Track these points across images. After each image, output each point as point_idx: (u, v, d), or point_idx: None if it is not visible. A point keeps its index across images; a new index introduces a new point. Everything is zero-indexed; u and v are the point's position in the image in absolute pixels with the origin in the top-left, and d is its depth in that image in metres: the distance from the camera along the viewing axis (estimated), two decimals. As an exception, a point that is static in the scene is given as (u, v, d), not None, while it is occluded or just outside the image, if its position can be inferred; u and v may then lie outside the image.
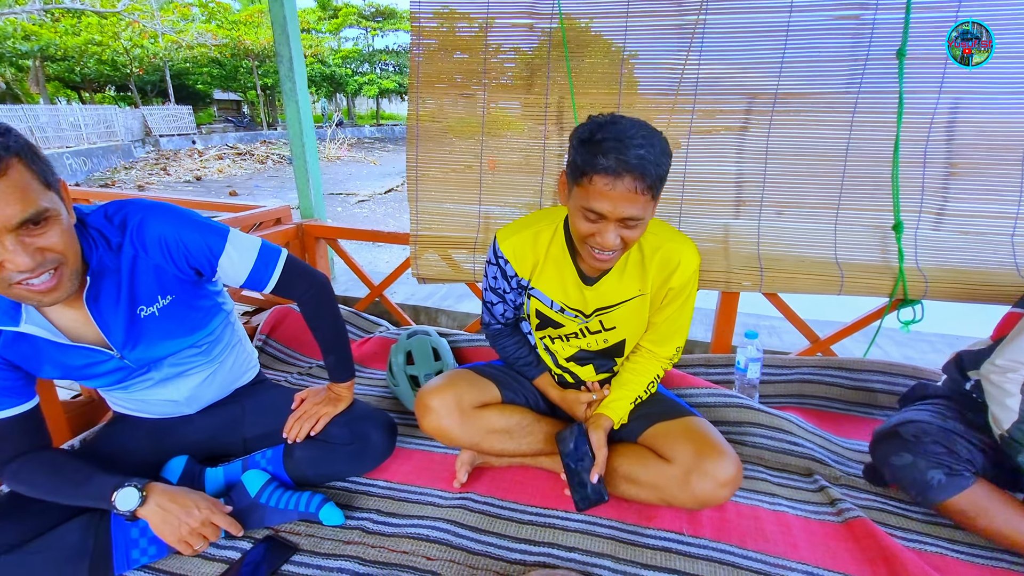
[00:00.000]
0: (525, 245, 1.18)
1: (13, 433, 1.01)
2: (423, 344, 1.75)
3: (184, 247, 1.05)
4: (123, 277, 1.02)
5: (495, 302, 1.28)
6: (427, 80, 1.77)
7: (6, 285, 0.83)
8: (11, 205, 0.77)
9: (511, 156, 1.79)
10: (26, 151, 0.81)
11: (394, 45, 28.69)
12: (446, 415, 1.22)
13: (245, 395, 1.37)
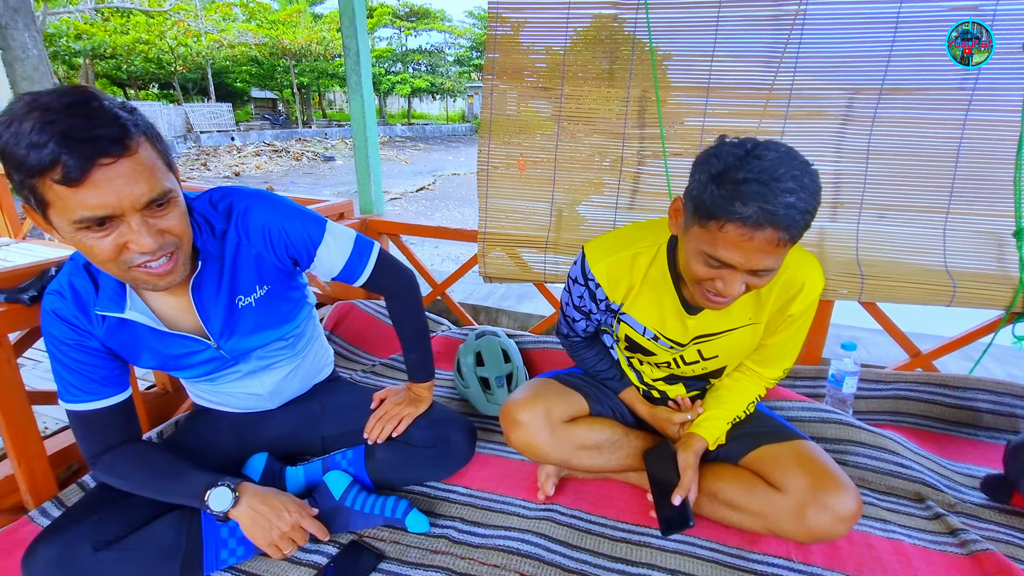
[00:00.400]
0: (620, 268, 1.05)
1: (108, 424, 1.00)
2: (493, 345, 1.69)
3: (286, 236, 1.02)
4: (226, 265, 0.99)
5: (577, 319, 1.17)
6: (503, 73, 1.72)
7: (125, 268, 0.81)
8: (139, 184, 0.75)
9: (587, 153, 1.72)
10: (151, 130, 0.79)
11: (427, 45, 28.96)
12: (537, 430, 1.15)
13: (323, 393, 1.33)
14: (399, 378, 1.79)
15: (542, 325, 1.98)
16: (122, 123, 0.74)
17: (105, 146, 0.71)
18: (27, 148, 0.69)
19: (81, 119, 0.70)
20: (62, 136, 0.69)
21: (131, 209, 0.75)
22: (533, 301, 2.27)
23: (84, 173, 0.70)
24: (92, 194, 0.72)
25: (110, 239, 0.77)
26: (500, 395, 1.59)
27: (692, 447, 1.11)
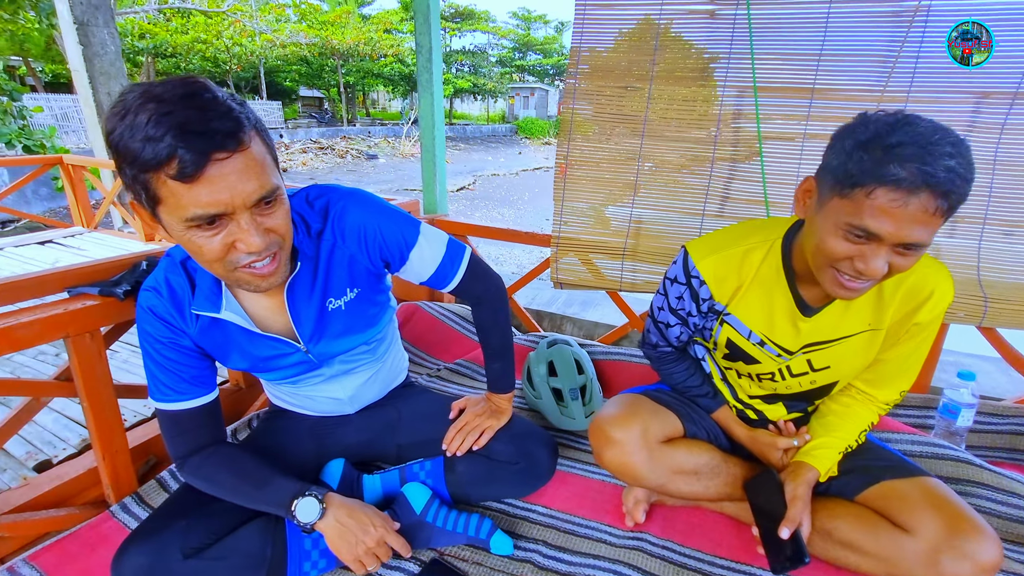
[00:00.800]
0: (730, 265, 0.98)
1: (196, 425, 0.97)
2: (566, 355, 1.61)
3: (381, 237, 0.97)
4: (320, 266, 0.96)
5: (672, 324, 1.09)
6: (586, 72, 1.64)
7: (231, 268, 0.77)
8: (251, 180, 0.71)
9: (674, 156, 1.63)
10: (260, 123, 0.75)
11: (470, 46, 29.16)
12: (633, 450, 1.07)
13: (399, 399, 1.29)
14: (464, 383, 1.74)
15: (613, 335, 1.89)
16: (236, 116, 0.70)
17: (220, 140, 0.68)
18: (142, 142, 0.66)
19: (197, 111, 0.67)
20: (179, 129, 0.65)
21: (242, 207, 0.72)
22: (599, 308, 2.19)
23: (199, 169, 0.67)
24: (206, 191, 0.68)
25: (219, 238, 0.74)
26: (574, 408, 1.51)
27: (802, 477, 1.01)
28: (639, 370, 1.69)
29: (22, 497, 1.09)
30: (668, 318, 1.09)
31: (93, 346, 1.04)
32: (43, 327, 0.96)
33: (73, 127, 11.43)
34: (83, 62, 3.35)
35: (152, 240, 3.24)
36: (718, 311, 1.03)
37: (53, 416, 1.52)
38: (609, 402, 1.18)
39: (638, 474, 1.08)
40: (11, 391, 1.03)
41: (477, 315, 1.20)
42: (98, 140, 3.75)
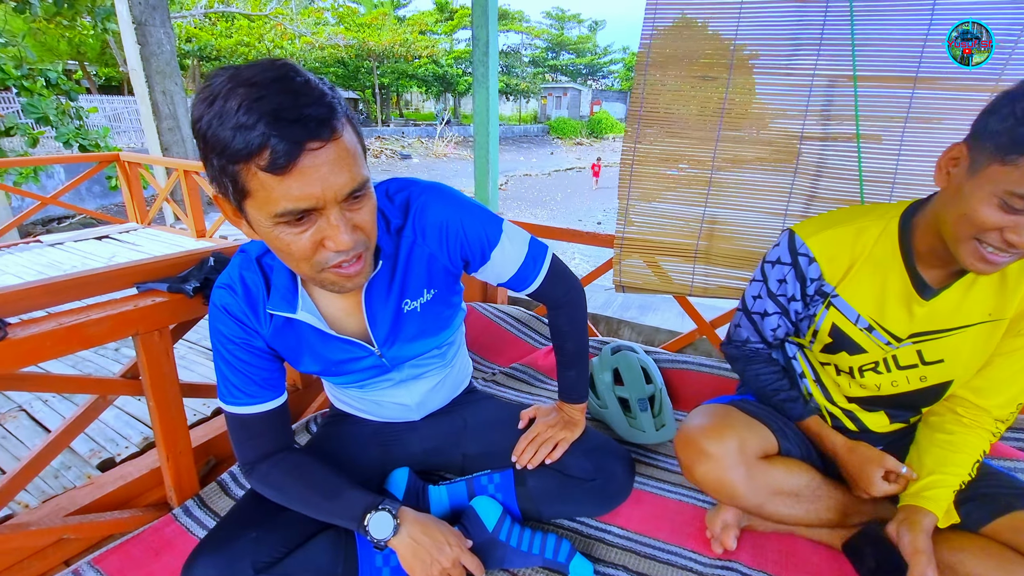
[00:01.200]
0: (842, 242, 0.93)
1: (265, 430, 0.92)
2: (631, 362, 1.52)
3: (464, 234, 0.90)
4: (399, 265, 0.90)
5: (769, 312, 1.02)
6: (659, 60, 1.54)
7: (317, 268, 0.72)
8: (343, 172, 0.65)
9: (754, 152, 1.52)
10: (350, 111, 0.69)
11: (504, 46, 29.18)
12: (730, 466, 0.97)
13: (464, 406, 1.22)
14: (521, 389, 1.67)
15: (678, 343, 1.79)
16: (329, 102, 0.64)
17: (315, 128, 0.62)
18: (233, 130, 0.60)
19: (290, 96, 0.61)
20: (272, 116, 0.59)
21: (332, 201, 0.66)
22: (659, 313, 2.08)
23: (292, 160, 0.61)
24: (297, 184, 0.63)
25: (308, 235, 0.68)
26: (643, 420, 1.41)
27: (920, 525, 0.87)
28: (710, 381, 1.58)
29: (87, 497, 1.07)
30: (765, 306, 1.02)
31: (161, 344, 1.01)
32: (114, 324, 0.93)
33: (124, 128, 11.90)
34: (140, 61, 3.43)
35: (203, 236, 3.29)
36: (826, 293, 0.96)
37: (115, 412, 1.52)
38: (695, 413, 1.09)
39: (735, 493, 0.98)
40: (78, 388, 1.01)
41: (554, 319, 1.12)
42: (152, 138, 3.85)
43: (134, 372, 1.08)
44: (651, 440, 1.39)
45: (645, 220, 1.65)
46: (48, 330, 0.86)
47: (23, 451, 1.38)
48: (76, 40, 12.92)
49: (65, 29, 11.34)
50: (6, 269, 3.15)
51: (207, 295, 1.05)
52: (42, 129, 6.71)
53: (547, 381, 1.72)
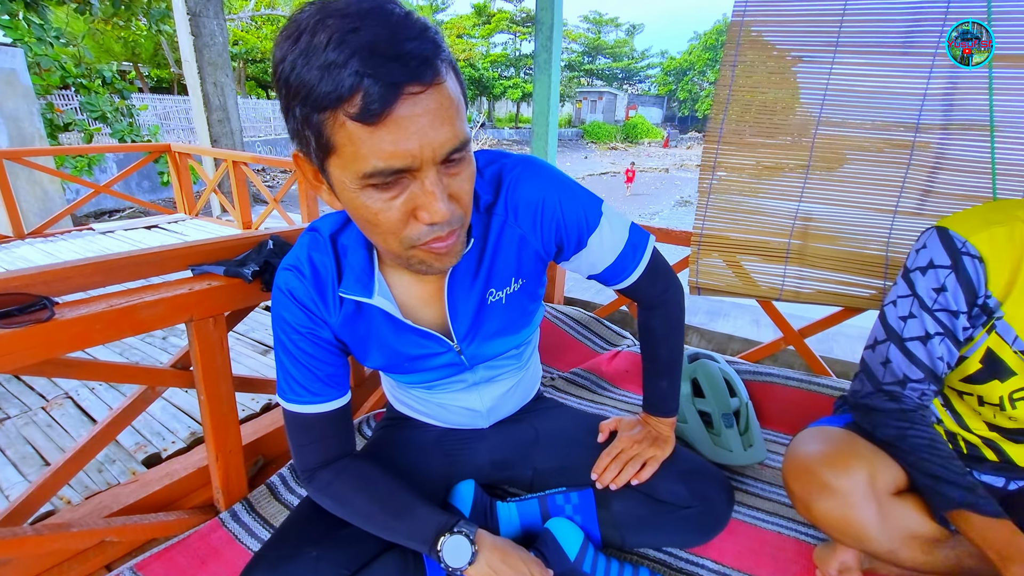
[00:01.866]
0: (1004, 243, 0.75)
1: (328, 433, 0.82)
2: (712, 373, 1.37)
3: (561, 215, 0.78)
4: (488, 248, 0.77)
5: (931, 334, 0.80)
6: (751, 37, 1.39)
7: (407, 245, 0.60)
8: (445, 126, 0.53)
9: (858, 141, 1.35)
10: (453, 57, 0.57)
11: (540, 50, 29.12)
12: (860, 504, 0.81)
13: (535, 414, 1.09)
14: (583, 396, 1.53)
15: (757, 353, 1.62)
16: (432, 37, 0.52)
17: (416, 68, 0.50)
18: (321, 69, 0.49)
19: (388, 29, 0.50)
20: (368, 51, 0.48)
21: (430, 161, 0.54)
22: (729, 319, 1.91)
23: (388, 106, 0.50)
24: (391, 136, 0.51)
25: (399, 202, 0.57)
26: (729, 438, 1.26)
27: None
28: (799, 397, 1.41)
29: (132, 495, 0.99)
30: (924, 325, 0.81)
31: (216, 332, 0.92)
32: (168, 308, 0.84)
33: (172, 126, 12.29)
34: (193, 52, 3.46)
35: (249, 227, 3.28)
36: (990, 310, 0.78)
37: (161, 404, 1.45)
38: (806, 438, 0.94)
39: (864, 535, 0.82)
40: (127, 378, 0.93)
41: (647, 320, 0.98)
42: (202, 129, 3.88)
43: (185, 362, 0.99)
44: (738, 461, 1.23)
45: (728, 215, 1.50)
46: (98, 312, 0.77)
47: (67, 441, 1.32)
48: (131, 41, 13.46)
49: (121, 30, 11.82)
50: (58, 255, 3.20)
51: (266, 280, 0.96)
52: (98, 126, 6.97)
53: (611, 389, 1.58)
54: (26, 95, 4.50)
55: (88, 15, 7.57)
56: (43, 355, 0.73)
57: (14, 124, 4.41)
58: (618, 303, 1.81)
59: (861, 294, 1.40)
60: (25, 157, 3.37)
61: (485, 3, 27.61)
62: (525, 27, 27.63)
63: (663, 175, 19.84)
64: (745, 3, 1.37)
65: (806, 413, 1.39)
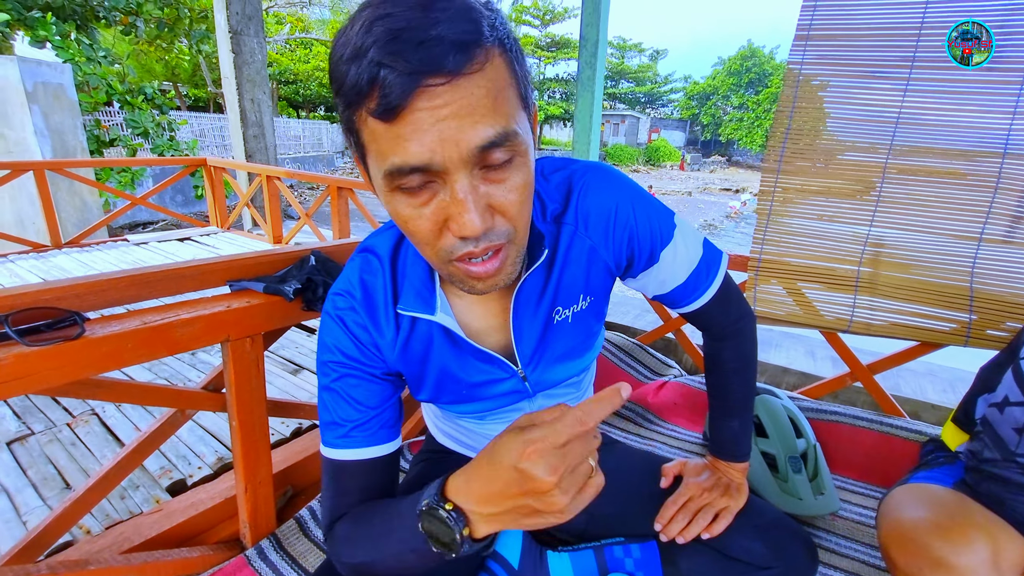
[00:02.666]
0: None
1: (370, 484, 0.69)
2: (775, 410, 1.25)
3: (635, 224, 0.69)
4: (556, 262, 0.69)
5: None
6: (818, 55, 1.31)
7: (444, 258, 0.53)
8: (475, 120, 0.45)
9: (937, 161, 1.24)
10: (511, 40, 0.49)
11: (564, 74, 29.56)
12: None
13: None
14: (628, 429, 1.43)
15: (819, 389, 1.50)
16: (473, 18, 0.45)
17: (440, 55, 0.43)
18: (348, 61, 0.44)
19: (421, 12, 0.43)
20: (390, 38, 0.42)
21: (458, 163, 0.46)
22: (782, 350, 1.79)
23: (405, 99, 0.43)
24: (408, 133, 0.44)
25: (429, 210, 0.49)
26: (798, 484, 1.14)
27: None
28: (870, 439, 1.29)
29: (154, 527, 0.92)
30: None
31: (252, 353, 0.86)
32: (204, 327, 0.78)
33: (207, 143, 12.68)
34: (233, 69, 3.52)
35: (279, 242, 3.27)
36: None
37: (189, 425, 1.39)
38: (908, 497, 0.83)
39: None
40: (156, 400, 0.86)
41: (716, 352, 0.89)
42: (238, 144, 3.94)
43: (217, 384, 0.93)
44: (809, 511, 1.11)
45: (789, 239, 1.39)
46: (131, 329, 0.71)
47: (90, 462, 1.27)
48: (172, 62, 14.02)
49: (163, 52, 12.32)
50: (93, 265, 3.23)
51: (307, 298, 0.89)
52: (140, 141, 7.21)
53: (659, 422, 1.48)
54: (71, 109, 4.65)
55: (133, 36, 7.89)
56: (71, 376, 0.67)
57: (58, 137, 4.54)
58: (663, 329, 1.71)
59: (941, 328, 1.27)
60: (67, 168, 3.45)
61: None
62: (549, 52, 28.05)
63: (686, 198, 19.69)
64: (813, 10, 1.29)
65: (879, 458, 1.27)
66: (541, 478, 0.45)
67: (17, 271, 3.11)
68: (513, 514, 0.49)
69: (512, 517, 0.50)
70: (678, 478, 0.93)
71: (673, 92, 37.93)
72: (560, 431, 0.46)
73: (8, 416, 1.42)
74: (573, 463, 0.46)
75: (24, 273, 3.08)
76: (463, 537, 0.51)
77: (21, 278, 2.99)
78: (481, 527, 0.51)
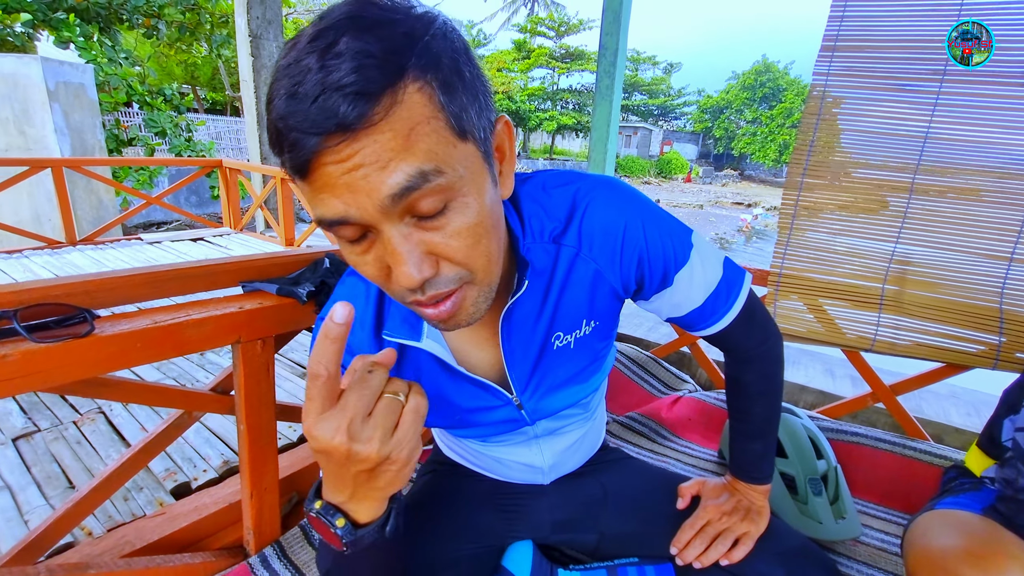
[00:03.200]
0: None
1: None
2: (795, 430, 1.21)
3: (644, 246, 0.65)
4: (554, 284, 0.65)
5: None
6: (844, 67, 1.28)
7: (403, 300, 0.51)
8: (387, 170, 0.40)
9: (966, 179, 1.21)
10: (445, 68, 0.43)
11: (578, 84, 29.71)
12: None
13: (602, 469, 0.96)
14: (641, 444, 1.39)
15: (839, 409, 1.46)
16: (378, 57, 0.39)
17: (334, 110, 0.38)
18: (267, 115, 0.43)
19: (317, 58, 0.39)
20: (290, 94, 0.39)
21: (375, 213, 0.42)
22: (799, 367, 1.75)
23: (307, 160, 0.41)
24: (319, 186, 0.42)
25: (371, 257, 0.47)
26: (818, 507, 1.10)
27: None
28: (891, 463, 1.24)
29: (157, 531, 0.90)
30: None
31: (263, 356, 0.84)
32: (215, 328, 0.76)
33: (223, 146, 12.82)
34: (251, 72, 3.55)
35: (291, 244, 3.28)
36: None
37: (195, 427, 1.38)
38: (936, 524, 0.79)
39: None
40: (164, 401, 0.85)
41: (740, 374, 0.85)
42: (254, 147, 3.97)
43: (225, 386, 0.91)
44: (829, 536, 1.07)
45: (811, 253, 1.36)
46: (140, 328, 0.70)
47: (94, 461, 1.25)
48: (191, 64, 14.25)
49: (183, 55, 12.53)
50: (106, 262, 3.26)
51: (320, 301, 0.87)
52: (158, 141, 7.31)
53: (673, 438, 1.44)
54: (91, 109, 4.72)
55: (155, 39, 8.04)
56: (79, 374, 0.65)
57: (78, 136, 4.61)
58: (678, 343, 1.67)
59: (968, 350, 1.23)
60: (85, 167, 3.48)
61: (525, 39, 28.39)
62: (563, 63, 28.21)
63: (697, 211, 19.62)
64: (840, 21, 1.27)
65: (901, 482, 1.22)
66: (331, 445, 0.44)
67: (31, 267, 3.14)
68: (357, 487, 0.49)
69: (362, 491, 0.49)
70: (695, 498, 0.90)
71: (686, 105, 37.97)
72: (310, 394, 0.45)
73: (15, 412, 1.42)
74: (357, 412, 0.45)
75: (38, 269, 3.11)
76: (343, 528, 0.50)
77: (34, 274, 3.02)
78: (354, 512, 0.51)
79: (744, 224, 16.35)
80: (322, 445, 0.45)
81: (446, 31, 0.44)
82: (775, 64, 31.13)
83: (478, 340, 0.69)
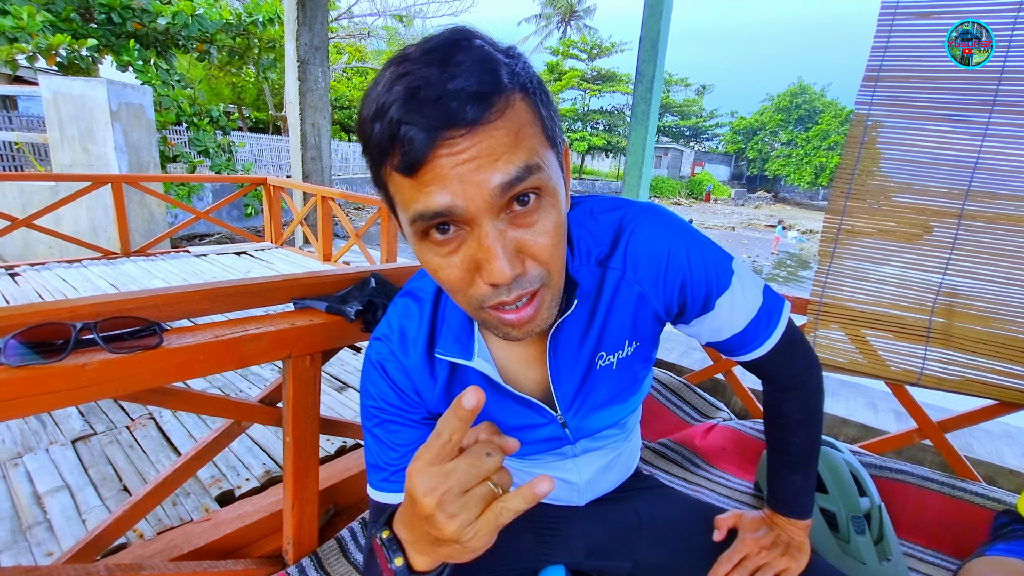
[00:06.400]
0: None
1: None
2: (837, 465, 1.18)
3: (688, 270, 0.67)
4: (600, 306, 0.67)
5: None
6: (888, 97, 1.27)
7: (475, 306, 0.52)
8: (497, 163, 0.45)
9: (1017, 209, 1.17)
10: (535, 83, 0.50)
11: (608, 106, 29.88)
12: None
13: (636, 496, 0.96)
14: (673, 472, 1.37)
15: (884, 444, 1.41)
16: (491, 68, 0.45)
17: (457, 109, 0.43)
18: (371, 120, 0.46)
19: (437, 67, 0.44)
20: (408, 96, 0.44)
21: (483, 210, 0.46)
22: (840, 400, 1.70)
23: (425, 154, 0.44)
24: (431, 184, 0.45)
25: (457, 258, 0.49)
26: (861, 546, 1.06)
27: None
28: (937, 502, 1.20)
29: (203, 536, 0.94)
30: None
31: (311, 371, 0.87)
32: (269, 343, 0.80)
33: (264, 163, 13.37)
34: (297, 95, 3.72)
35: (329, 260, 3.37)
36: None
37: (239, 436, 1.43)
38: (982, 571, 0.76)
39: None
40: (217, 411, 0.89)
41: (779, 403, 0.84)
42: (297, 166, 4.13)
43: (273, 398, 0.95)
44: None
45: (854, 283, 1.34)
46: (203, 342, 0.74)
47: (145, 465, 1.31)
48: (238, 86, 14.98)
49: (232, 77, 13.19)
50: (157, 273, 3.42)
51: (366, 320, 0.91)
52: (201, 159, 7.69)
53: (707, 468, 1.41)
54: (148, 128, 5.01)
55: (207, 62, 8.50)
56: (147, 384, 0.69)
57: (135, 153, 4.89)
58: (713, 370, 1.65)
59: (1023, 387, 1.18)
60: (141, 182, 3.69)
61: (558, 61, 28.83)
62: (595, 85, 28.48)
63: (729, 233, 19.30)
64: (883, 52, 1.26)
65: (951, 524, 1.17)
66: (420, 500, 0.45)
67: (89, 276, 3.33)
68: (424, 543, 0.48)
69: (425, 546, 0.48)
70: (732, 532, 0.89)
71: (719, 127, 37.70)
72: (429, 444, 0.46)
73: (74, 415, 1.50)
74: (457, 485, 0.44)
75: (95, 279, 3.28)
76: (399, 567, 0.50)
77: (92, 283, 3.19)
78: (415, 558, 0.50)
79: (776, 240, 15.58)
80: (413, 493, 0.46)
81: (526, 58, 0.51)
82: (811, 86, 30.69)
83: (526, 358, 0.71)
